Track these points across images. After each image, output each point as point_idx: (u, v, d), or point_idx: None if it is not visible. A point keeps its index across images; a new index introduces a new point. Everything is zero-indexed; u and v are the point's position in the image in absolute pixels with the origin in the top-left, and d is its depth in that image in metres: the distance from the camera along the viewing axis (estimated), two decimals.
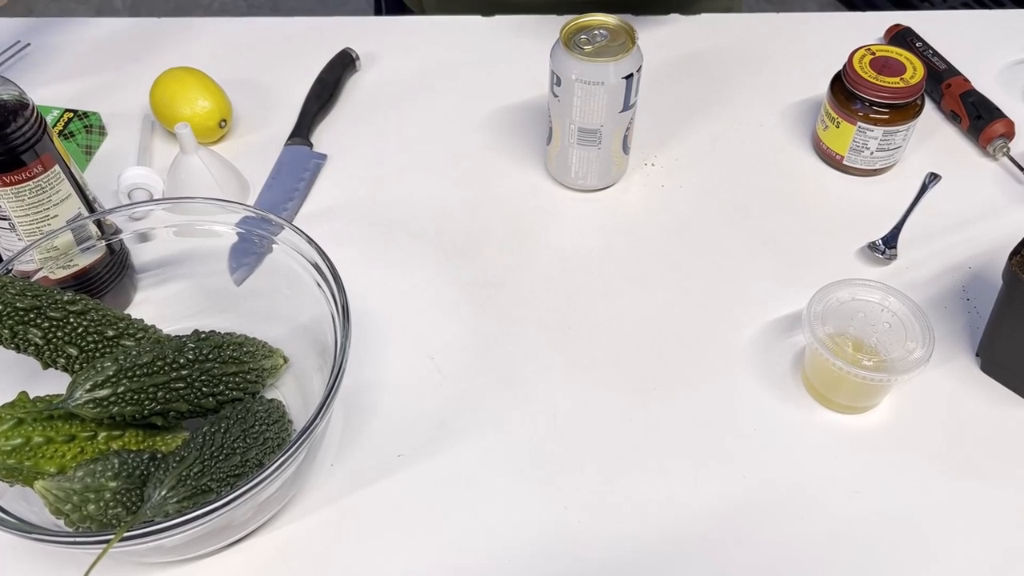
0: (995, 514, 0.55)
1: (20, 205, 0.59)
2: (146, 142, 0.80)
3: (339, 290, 0.55)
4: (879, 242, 0.70)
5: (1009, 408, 0.61)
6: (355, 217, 0.73)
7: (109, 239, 0.62)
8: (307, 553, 0.54)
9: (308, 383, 0.60)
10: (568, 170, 0.74)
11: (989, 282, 0.68)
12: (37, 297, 0.53)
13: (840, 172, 0.77)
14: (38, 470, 0.50)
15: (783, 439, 0.59)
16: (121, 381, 0.51)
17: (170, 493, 0.47)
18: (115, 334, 0.55)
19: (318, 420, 0.49)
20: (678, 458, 0.58)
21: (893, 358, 0.57)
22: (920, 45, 0.85)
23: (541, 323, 0.66)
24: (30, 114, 0.57)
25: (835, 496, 0.56)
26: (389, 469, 0.58)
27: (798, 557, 0.53)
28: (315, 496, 0.56)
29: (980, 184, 0.76)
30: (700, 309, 0.67)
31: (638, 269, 0.69)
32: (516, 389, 0.62)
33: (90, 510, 0.48)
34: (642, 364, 0.63)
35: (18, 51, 0.89)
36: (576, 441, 0.59)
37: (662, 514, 0.55)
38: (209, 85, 0.79)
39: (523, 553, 0.54)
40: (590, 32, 0.68)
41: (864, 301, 0.60)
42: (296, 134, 0.80)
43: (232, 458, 0.49)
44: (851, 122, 0.73)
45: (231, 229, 0.61)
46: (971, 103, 0.79)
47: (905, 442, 0.59)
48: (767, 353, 0.64)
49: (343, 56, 0.86)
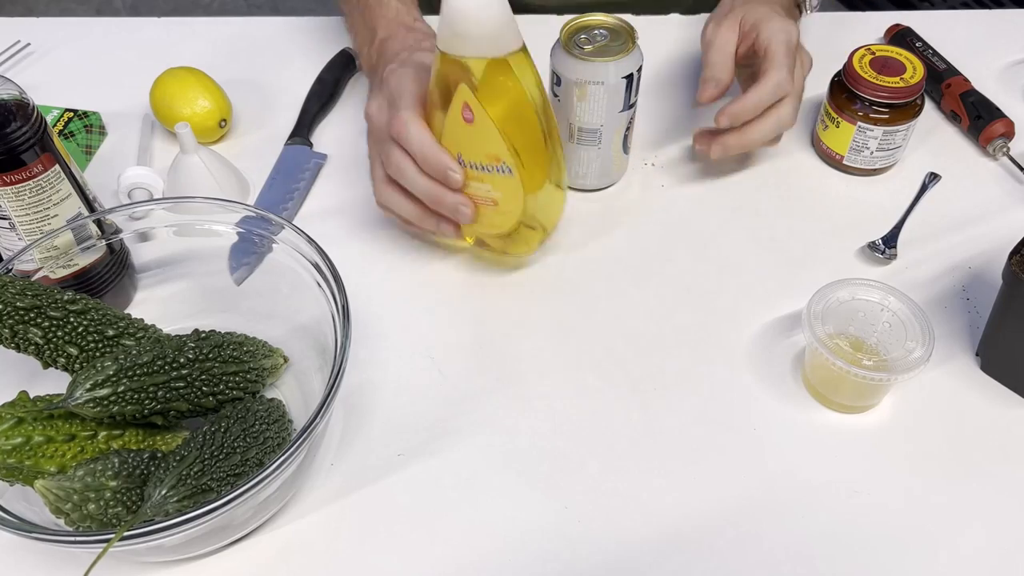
0: (995, 514, 0.55)
1: (20, 204, 0.59)
2: (146, 142, 0.80)
3: (339, 290, 0.55)
4: (879, 242, 0.70)
5: (1009, 408, 0.61)
6: (355, 217, 0.73)
7: (109, 239, 0.62)
8: (307, 552, 0.54)
9: (308, 383, 0.60)
10: (568, 170, 0.74)
11: (989, 282, 0.68)
12: (37, 296, 0.53)
13: (840, 172, 0.77)
14: (38, 469, 0.50)
15: (783, 439, 0.59)
16: (121, 380, 0.51)
17: (170, 492, 0.47)
18: (115, 333, 0.55)
19: (318, 419, 0.49)
20: (678, 458, 0.58)
21: (893, 358, 0.57)
22: (920, 45, 0.85)
23: (541, 323, 0.66)
24: (30, 114, 0.57)
25: (835, 495, 0.56)
26: (389, 469, 0.58)
27: (798, 556, 0.54)
28: (315, 496, 0.56)
29: (980, 184, 0.76)
30: (700, 309, 0.67)
31: (638, 269, 0.69)
32: (516, 389, 0.62)
33: (90, 509, 0.48)
34: (642, 364, 0.63)
35: (18, 51, 0.89)
36: (576, 441, 0.59)
37: (662, 514, 0.55)
38: (209, 85, 0.79)
39: (523, 553, 0.54)
40: (590, 32, 0.68)
41: (864, 301, 0.60)
42: (296, 134, 0.80)
43: (232, 457, 0.49)
44: (851, 122, 0.73)
45: (231, 229, 0.61)
46: (971, 103, 0.79)
47: (905, 442, 0.59)
48: (767, 353, 0.64)
49: (343, 56, 0.86)
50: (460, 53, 0.56)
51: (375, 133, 0.64)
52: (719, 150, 0.71)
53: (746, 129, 0.69)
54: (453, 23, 0.55)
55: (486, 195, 0.61)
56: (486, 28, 0.55)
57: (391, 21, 0.73)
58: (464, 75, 0.56)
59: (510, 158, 0.59)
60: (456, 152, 0.60)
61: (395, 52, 0.68)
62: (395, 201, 0.64)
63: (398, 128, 0.60)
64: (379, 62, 0.70)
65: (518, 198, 0.61)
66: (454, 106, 0.58)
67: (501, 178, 0.60)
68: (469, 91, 0.56)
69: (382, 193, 0.65)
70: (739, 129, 0.69)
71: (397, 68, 0.64)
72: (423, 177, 0.61)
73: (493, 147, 0.59)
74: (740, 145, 0.70)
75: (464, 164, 0.60)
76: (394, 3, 0.74)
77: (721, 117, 0.68)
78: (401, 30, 0.72)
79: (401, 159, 0.61)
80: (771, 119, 0.69)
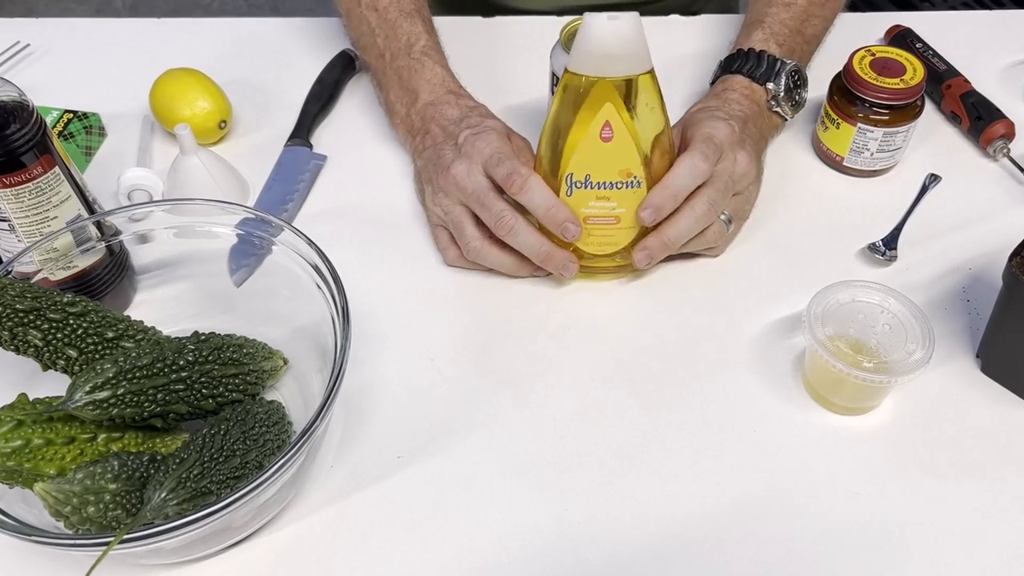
0: (995, 514, 0.55)
1: (20, 206, 0.59)
2: (146, 143, 0.80)
3: (339, 291, 0.55)
4: (879, 243, 0.70)
5: (1009, 409, 0.61)
6: (355, 218, 0.73)
7: (109, 240, 0.62)
8: (307, 554, 0.54)
9: (308, 384, 0.60)
10: None
11: (989, 283, 0.68)
12: (37, 299, 0.53)
13: (840, 173, 0.77)
14: (38, 472, 0.50)
15: (783, 440, 0.59)
16: (121, 383, 0.51)
17: (170, 495, 0.47)
18: (115, 336, 0.55)
19: (318, 422, 0.49)
20: (678, 459, 0.58)
21: (893, 359, 0.57)
22: (920, 46, 0.85)
23: (541, 323, 0.66)
24: (30, 115, 0.57)
25: (835, 497, 0.56)
26: (389, 470, 0.58)
27: (798, 558, 0.53)
28: (315, 497, 0.56)
29: (980, 185, 0.76)
30: (700, 310, 0.67)
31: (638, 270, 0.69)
32: (516, 389, 0.62)
33: (90, 512, 0.48)
34: (642, 365, 0.63)
35: (18, 51, 0.89)
36: (576, 441, 0.59)
37: (662, 514, 0.55)
38: (209, 86, 0.78)
39: (523, 553, 0.54)
40: None
41: (864, 302, 0.60)
42: (296, 135, 0.80)
43: (232, 460, 0.49)
44: (851, 123, 0.73)
45: (231, 230, 0.61)
46: (971, 104, 0.79)
47: (905, 444, 0.59)
48: (767, 354, 0.64)
49: (343, 56, 0.86)
50: (605, 74, 0.58)
51: (468, 194, 0.65)
52: (643, 257, 0.64)
53: (662, 227, 0.64)
54: (604, 45, 0.57)
55: (609, 213, 0.63)
56: (634, 48, 0.58)
57: (436, 86, 0.73)
58: (609, 95, 0.59)
59: (642, 171, 0.62)
60: (584, 173, 0.62)
61: (455, 119, 0.70)
62: (493, 256, 0.66)
63: (519, 185, 0.62)
64: (427, 126, 0.71)
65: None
66: (593, 126, 0.60)
67: (628, 192, 0.62)
68: (614, 109, 0.59)
69: (480, 250, 0.66)
70: (657, 228, 0.64)
71: (478, 134, 0.66)
72: (535, 235, 0.64)
73: (628, 162, 0.61)
74: (661, 245, 0.64)
75: (591, 185, 0.62)
76: (438, 69, 0.74)
77: (642, 212, 0.62)
78: (451, 97, 0.72)
79: (514, 217, 0.63)
80: (686, 213, 0.63)
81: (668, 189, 0.62)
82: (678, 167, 0.63)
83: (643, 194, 0.63)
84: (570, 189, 0.63)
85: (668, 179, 0.63)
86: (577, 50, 0.58)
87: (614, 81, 0.59)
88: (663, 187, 0.62)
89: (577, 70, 0.59)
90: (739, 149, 0.65)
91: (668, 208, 0.63)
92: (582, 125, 0.60)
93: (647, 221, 0.63)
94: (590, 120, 0.60)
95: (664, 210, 0.63)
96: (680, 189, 0.63)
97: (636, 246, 0.64)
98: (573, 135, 0.61)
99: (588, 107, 0.59)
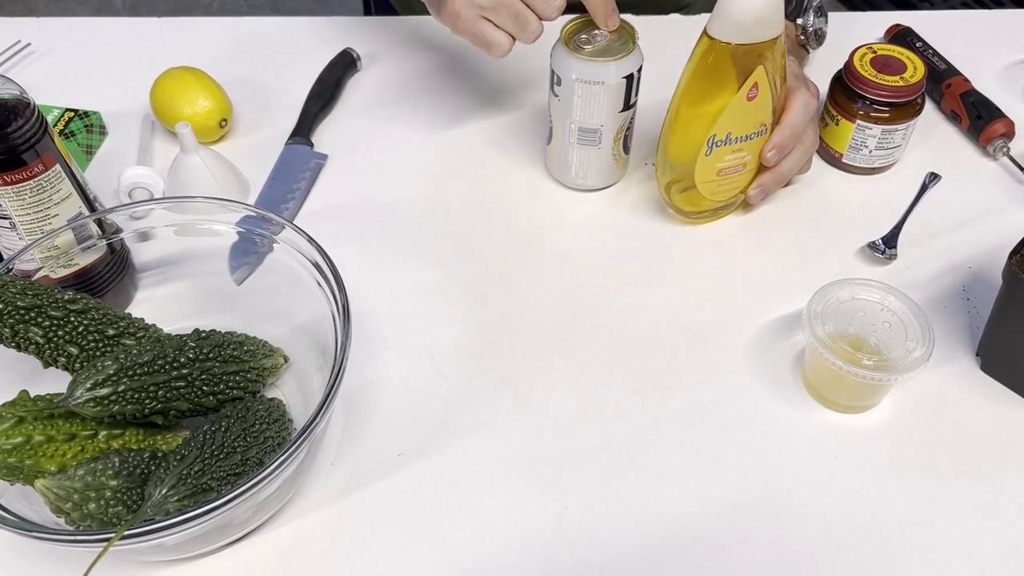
0: (995, 514, 0.55)
1: (21, 204, 0.59)
2: (146, 142, 0.80)
3: (339, 289, 0.55)
4: (879, 242, 0.70)
5: (1009, 408, 0.61)
6: (355, 217, 0.73)
7: (110, 238, 0.62)
8: (307, 552, 0.54)
9: (308, 382, 0.60)
10: (568, 170, 0.74)
11: (989, 282, 0.68)
12: (38, 296, 0.53)
13: (840, 170, 0.77)
14: (39, 469, 0.50)
15: (783, 439, 0.59)
16: (122, 380, 0.51)
17: (171, 492, 0.47)
18: (116, 333, 0.55)
19: (318, 419, 0.49)
20: (678, 458, 0.58)
21: (893, 358, 0.57)
22: (920, 45, 0.85)
23: (541, 323, 0.66)
24: (31, 113, 0.57)
25: (835, 495, 0.56)
26: (389, 469, 0.58)
27: (798, 557, 0.54)
28: (315, 495, 0.56)
29: (980, 184, 0.76)
30: (700, 309, 0.67)
31: (638, 269, 0.70)
32: (516, 389, 0.62)
33: (91, 509, 0.48)
34: (642, 364, 0.63)
35: (18, 51, 0.89)
36: (576, 441, 0.59)
37: (662, 514, 0.55)
38: (209, 85, 0.79)
39: (523, 553, 0.54)
40: (590, 32, 0.68)
41: (864, 300, 0.60)
42: (297, 134, 0.80)
43: (232, 457, 0.49)
44: (850, 120, 0.74)
45: (231, 228, 0.61)
46: (971, 103, 0.80)
47: (905, 442, 0.59)
48: (767, 353, 0.64)
49: (344, 56, 0.86)
50: (758, 39, 0.61)
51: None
52: (758, 193, 0.70)
53: (780, 163, 0.69)
54: (756, 13, 0.60)
55: (739, 162, 0.67)
56: (778, 12, 0.61)
57: None
58: (762, 58, 0.62)
59: (771, 118, 0.66)
60: (726, 132, 0.65)
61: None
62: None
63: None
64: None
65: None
66: (743, 88, 0.62)
67: (758, 140, 0.67)
68: (763, 71, 0.62)
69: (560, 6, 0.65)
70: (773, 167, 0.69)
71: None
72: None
73: (764, 114, 0.65)
74: (776, 179, 0.70)
75: (730, 141, 0.65)
76: None
77: (768, 153, 0.67)
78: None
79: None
80: (798, 148, 0.69)
81: (789, 128, 0.67)
82: (793, 107, 0.67)
83: (766, 138, 0.67)
84: (710, 149, 0.65)
85: (787, 119, 0.67)
86: (728, 20, 0.60)
87: (764, 45, 0.61)
88: (784, 127, 0.67)
89: (728, 39, 0.61)
90: (809, 80, 0.70)
91: (791, 146, 0.68)
92: (731, 89, 0.63)
93: (773, 161, 0.67)
94: (740, 84, 0.62)
95: (787, 148, 0.68)
96: (799, 127, 0.67)
97: (751, 184, 0.69)
98: (722, 100, 0.63)
99: (741, 72, 0.62)
